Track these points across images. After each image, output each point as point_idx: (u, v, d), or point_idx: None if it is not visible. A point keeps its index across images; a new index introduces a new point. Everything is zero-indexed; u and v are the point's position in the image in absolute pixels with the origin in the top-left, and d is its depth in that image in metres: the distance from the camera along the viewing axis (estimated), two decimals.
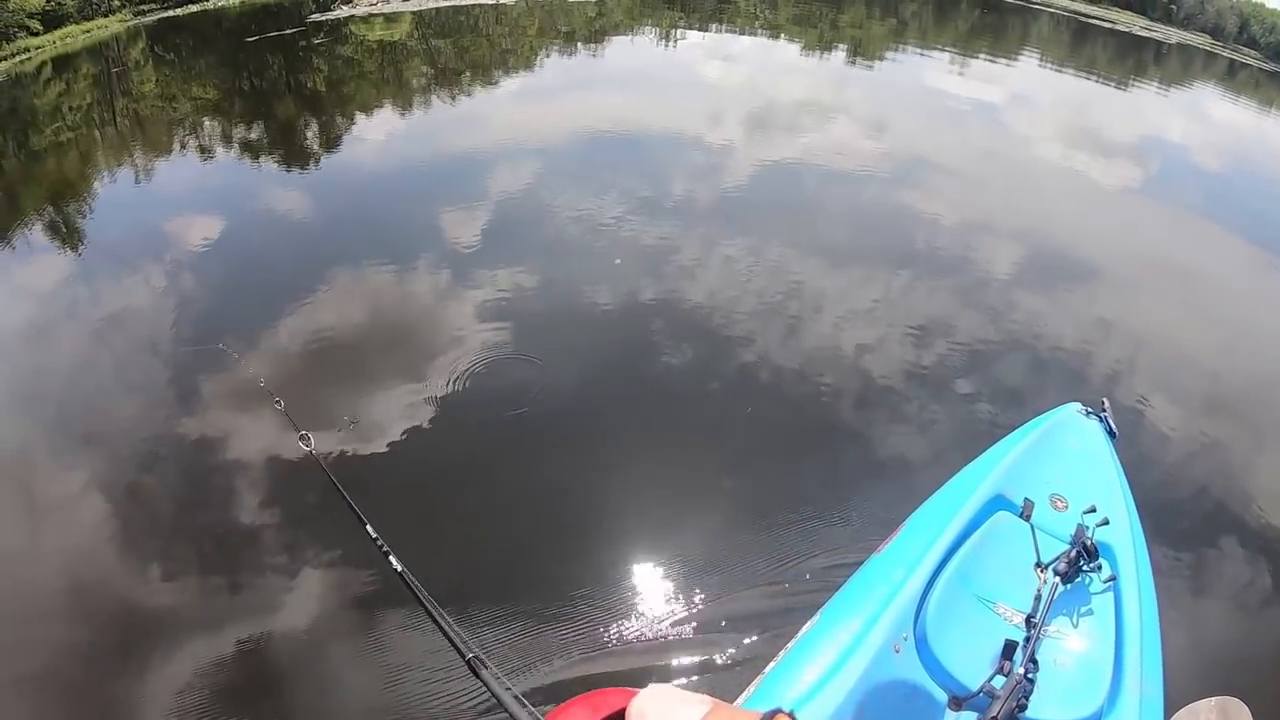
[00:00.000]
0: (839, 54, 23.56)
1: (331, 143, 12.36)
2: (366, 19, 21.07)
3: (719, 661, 3.79)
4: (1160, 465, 5.75)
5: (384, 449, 5.15)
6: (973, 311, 7.65)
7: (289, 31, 20.02)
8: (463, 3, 23.78)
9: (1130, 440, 4.74)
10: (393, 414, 5.46)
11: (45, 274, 7.82)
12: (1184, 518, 5.23)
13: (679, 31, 23.66)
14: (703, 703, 1.53)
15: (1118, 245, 10.43)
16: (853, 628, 2.65)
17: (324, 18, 21.43)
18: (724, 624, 3.98)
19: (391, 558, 2.60)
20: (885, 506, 4.49)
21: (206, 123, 13.45)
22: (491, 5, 24.19)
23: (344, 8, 22.50)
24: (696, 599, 4.12)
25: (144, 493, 4.87)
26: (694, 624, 3.99)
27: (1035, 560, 2.92)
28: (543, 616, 3.97)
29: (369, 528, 2.75)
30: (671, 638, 3.93)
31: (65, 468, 5.11)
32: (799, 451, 5.40)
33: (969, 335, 7.13)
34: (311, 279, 7.23)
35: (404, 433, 5.29)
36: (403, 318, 6.78)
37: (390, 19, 21.33)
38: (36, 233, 8.94)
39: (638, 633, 3.95)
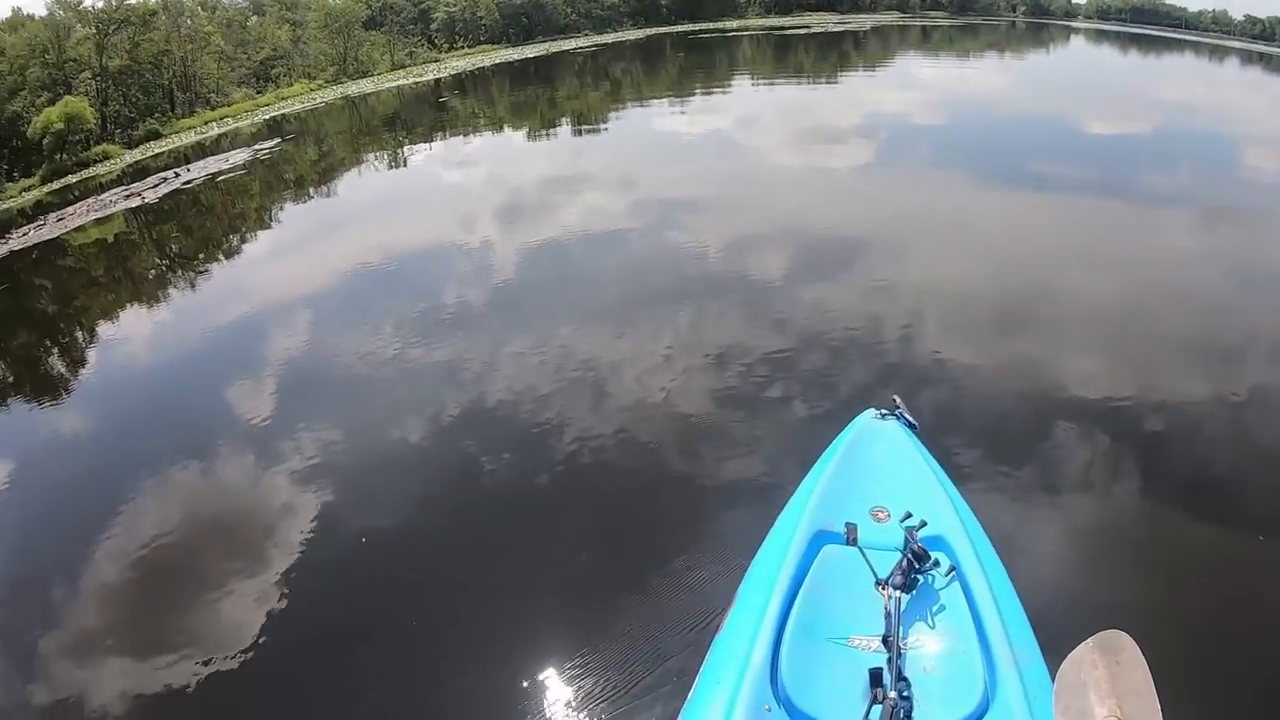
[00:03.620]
0: (564, 128, 24.42)
1: (87, 353, 11.84)
2: (80, 227, 20.25)
3: None
4: (966, 437, 5.88)
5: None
6: (760, 336, 7.88)
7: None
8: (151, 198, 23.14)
9: (930, 425, 4.80)
10: (241, 612, 5.29)
11: None
12: (1002, 477, 5.40)
13: (406, 150, 24.04)
14: None
15: (867, 225, 11.13)
16: (715, 717, 2.57)
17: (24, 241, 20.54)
18: None
19: None
20: (716, 579, 4.51)
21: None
22: (206, 180, 23.88)
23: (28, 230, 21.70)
24: (570, 707, 4.09)
25: None
26: None
27: (874, 580, 2.92)
28: None
29: None
30: None
31: None
32: (638, 526, 5.45)
33: (764, 361, 7.34)
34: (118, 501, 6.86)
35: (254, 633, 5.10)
36: (225, 506, 6.66)
37: (101, 221, 20.60)
38: None
39: None
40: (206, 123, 35.72)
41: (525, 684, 4.27)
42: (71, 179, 30.48)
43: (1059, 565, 4.53)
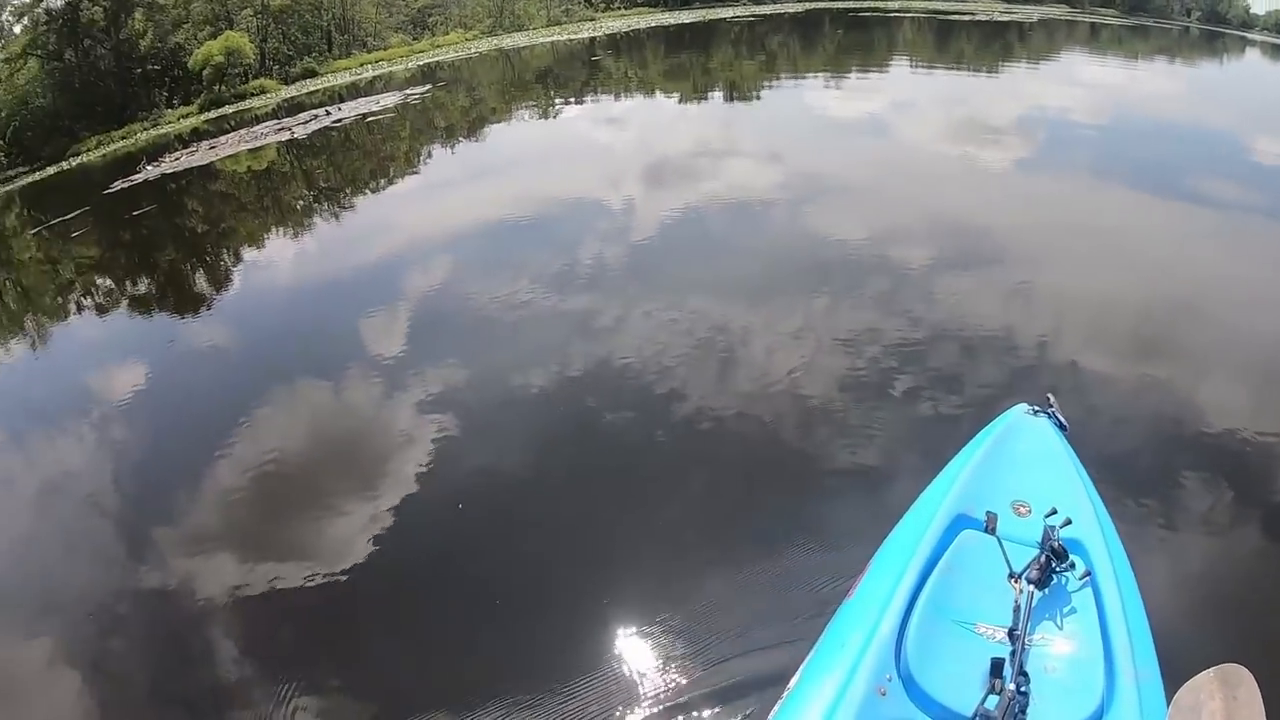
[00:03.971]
0: (715, 97, 23.74)
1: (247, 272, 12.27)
2: (233, 155, 20.73)
3: None
4: (1116, 447, 5.55)
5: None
6: (905, 323, 7.48)
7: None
8: (300, 133, 23.45)
9: (1082, 429, 4.60)
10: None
11: None
12: (1149, 494, 5.08)
13: (557, 106, 23.74)
14: None
15: (1026, 224, 10.46)
16: (835, 680, 2.58)
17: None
18: (702, 701, 3.77)
19: None
20: (850, 547, 4.27)
21: (100, 280, 13.36)
22: (357, 120, 24.05)
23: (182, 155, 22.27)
24: (668, 678, 3.92)
25: None
26: (668, 707, 3.78)
27: (1008, 572, 2.89)
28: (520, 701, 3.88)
29: None
30: (656, 714, 3.75)
31: None
32: (762, 498, 5.23)
33: (910, 346, 6.98)
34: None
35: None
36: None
37: (252, 151, 20.98)
38: None
39: (618, 709, 3.80)
40: (361, 65, 36.34)
41: (634, 632, 4.21)
42: (227, 110, 31.48)
43: (1190, 590, 4.25)
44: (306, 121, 23.22)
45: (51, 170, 27.67)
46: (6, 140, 32.16)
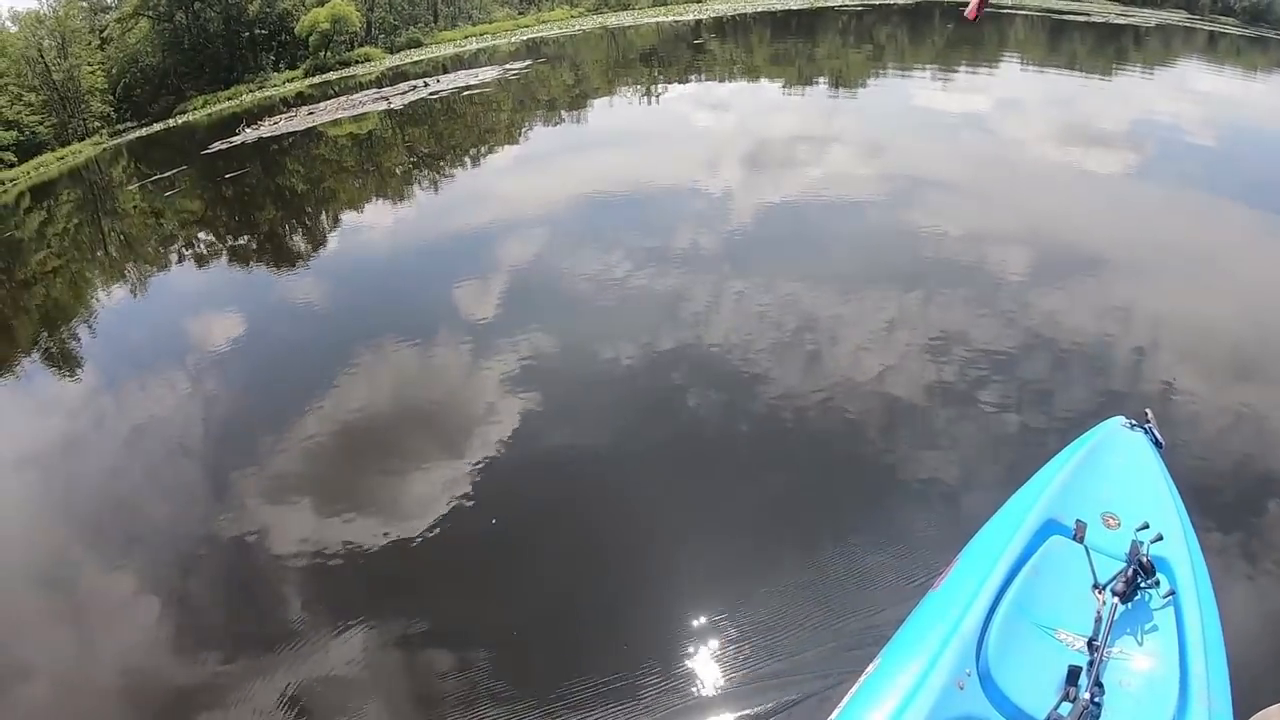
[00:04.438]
0: (821, 87, 23.21)
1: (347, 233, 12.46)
2: (336, 120, 21.00)
3: (782, 711, 3.67)
4: (1210, 470, 5.40)
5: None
6: (1002, 329, 7.32)
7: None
8: (398, 104, 23.55)
9: (1177, 448, 4.66)
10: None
11: (73, 392, 8.48)
12: (1238, 522, 4.95)
13: (659, 87, 23.37)
14: None
15: (1134, 236, 10.06)
16: (915, 668, 2.63)
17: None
18: (784, 673, 3.84)
19: None
20: (938, 540, 4.34)
21: (204, 234, 13.71)
22: (454, 93, 24.09)
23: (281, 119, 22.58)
24: (755, 651, 3.99)
25: None
26: (755, 675, 3.86)
27: (1092, 582, 2.90)
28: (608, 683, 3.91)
29: None
30: (733, 691, 3.82)
31: None
32: (844, 491, 5.23)
33: (1005, 353, 6.83)
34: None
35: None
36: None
37: (356, 118, 21.22)
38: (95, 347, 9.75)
39: (699, 689, 3.86)
40: (466, 37, 36.57)
41: (704, 619, 4.23)
42: (331, 76, 31.91)
43: (1268, 623, 4.16)
44: (405, 92, 23.36)
45: (158, 127, 28.40)
46: (117, 96, 33.14)
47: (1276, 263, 9.59)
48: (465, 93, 22.59)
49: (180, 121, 28.44)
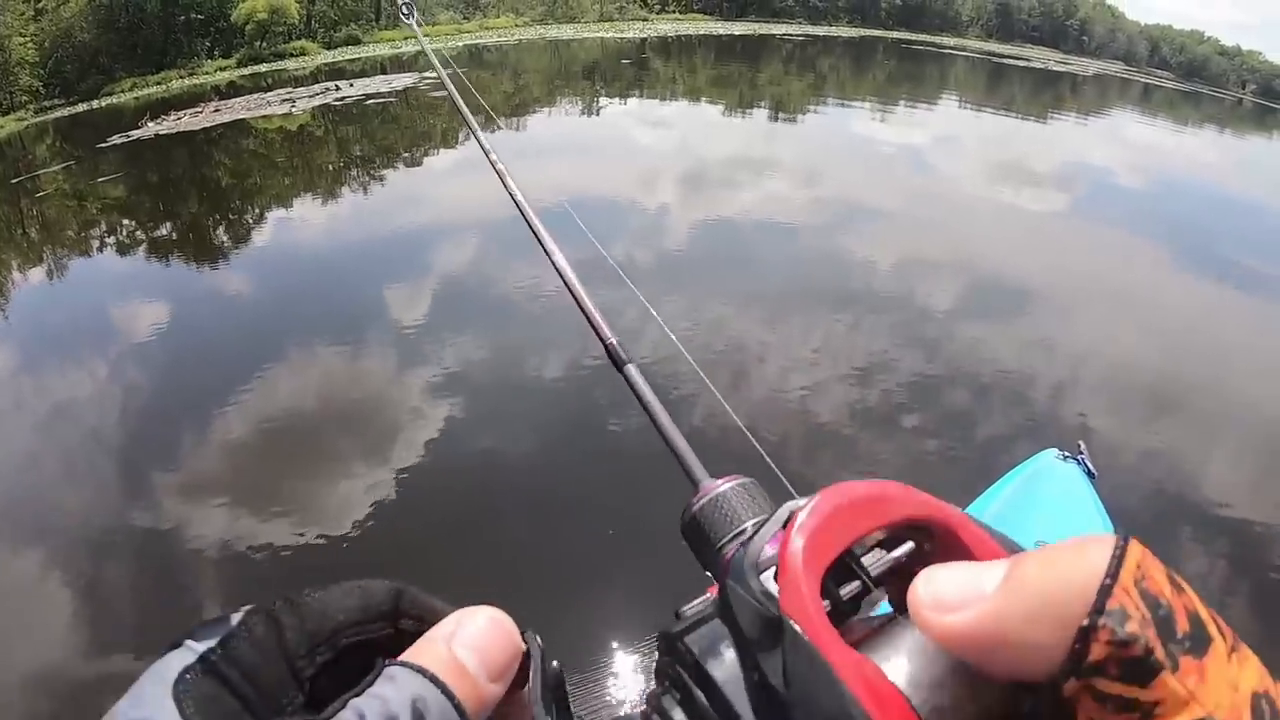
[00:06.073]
0: (760, 111, 23.35)
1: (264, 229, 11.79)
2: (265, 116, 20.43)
3: None
4: (1141, 497, 5.57)
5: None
6: (928, 359, 7.36)
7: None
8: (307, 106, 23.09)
9: (1109, 477, 4.67)
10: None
11: None
12: (1173, 550, 5.06)
13: (599, 101, 23.27)
14: None
15: (1059, 272, 10.35)
16: None
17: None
18: None
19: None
20: None
21: (124, 221, 13.23)
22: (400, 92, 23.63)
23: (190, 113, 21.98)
24: None
25: None
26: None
27: None
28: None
29: None
30: None
31: None
32: None
33: (931, 382, 6.86)
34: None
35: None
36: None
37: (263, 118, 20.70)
38: None
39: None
40: (406, 38, 35.85)
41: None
42: (263, 68, 31.11)
43: None
44: (315, 95, 22.79)
45: (83, 107, 27.37)
46: (47, 71, 31.86)
47: (1193, 300, 10.05)
48: (376, 100, 22.13)
49: (105, 103, 27.35)
